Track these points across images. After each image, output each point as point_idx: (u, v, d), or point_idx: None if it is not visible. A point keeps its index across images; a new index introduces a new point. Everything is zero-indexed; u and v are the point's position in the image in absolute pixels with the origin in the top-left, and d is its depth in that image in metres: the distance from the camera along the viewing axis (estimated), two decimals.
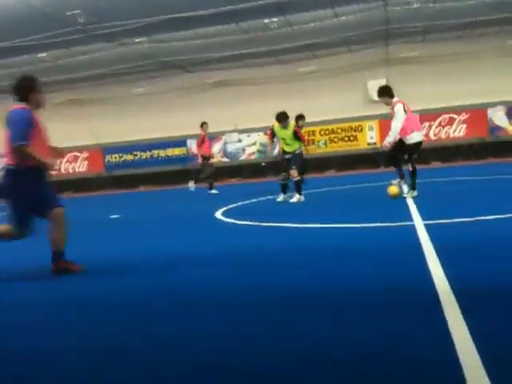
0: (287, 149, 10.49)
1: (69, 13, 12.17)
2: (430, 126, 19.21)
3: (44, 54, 15.32)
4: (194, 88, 20.85)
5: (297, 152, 10.54)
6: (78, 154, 22.87)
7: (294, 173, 10.21)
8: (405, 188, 9.21)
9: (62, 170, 22.74)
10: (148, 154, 22.08)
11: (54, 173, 5.20)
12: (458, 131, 19.05)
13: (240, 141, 21.41)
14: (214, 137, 21.19)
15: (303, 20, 14.41)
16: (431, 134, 19.13)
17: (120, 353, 2.93)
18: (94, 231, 8.84)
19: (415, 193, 8.97)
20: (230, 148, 21.46)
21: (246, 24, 14.42)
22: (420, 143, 9.20)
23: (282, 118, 10.30)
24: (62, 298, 4.33)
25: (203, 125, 14.74)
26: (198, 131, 14.98)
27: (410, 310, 3.18)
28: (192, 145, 21.34)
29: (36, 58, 15.55)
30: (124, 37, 14.32)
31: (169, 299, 3.97)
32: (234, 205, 10.70)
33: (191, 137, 21.25)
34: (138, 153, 22.17)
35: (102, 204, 15.78)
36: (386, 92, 9.21)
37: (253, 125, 20.42)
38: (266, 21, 14.26)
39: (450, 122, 19.11)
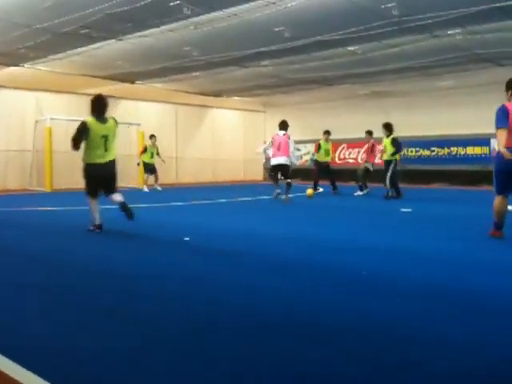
0: None
1: (383, 6, 12.04)
2: None
3: (355, 47, 15.17)
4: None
5: None
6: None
7: None
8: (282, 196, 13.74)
9: None
10: (446, 150, 21.48)
11: None
12: None
13: None
14: None
15: None
16: None
17: None
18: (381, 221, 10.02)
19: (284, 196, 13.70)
20: None
21: None
22: (275, 166, 13.82)
23: None
24: None
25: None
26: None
27: None
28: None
29: (347, 51, 15.51)
30: (437, 29, 13.51)
31: None
32: None
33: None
34: (436, 148, 21.71)
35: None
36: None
37: None
38: None
39: None
